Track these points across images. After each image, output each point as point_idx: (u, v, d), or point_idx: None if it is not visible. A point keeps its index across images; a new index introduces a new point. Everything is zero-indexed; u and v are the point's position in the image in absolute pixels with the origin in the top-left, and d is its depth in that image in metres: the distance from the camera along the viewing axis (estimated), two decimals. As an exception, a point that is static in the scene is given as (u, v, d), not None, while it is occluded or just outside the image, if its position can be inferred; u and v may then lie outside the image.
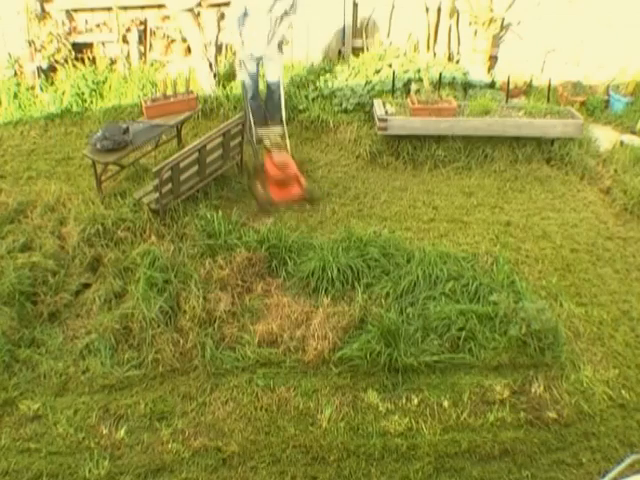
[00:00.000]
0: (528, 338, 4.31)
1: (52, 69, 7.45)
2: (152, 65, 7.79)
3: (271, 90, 6.58)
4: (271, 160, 5.60)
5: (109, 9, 7.66)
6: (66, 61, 7.44)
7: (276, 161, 5.50)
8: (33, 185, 5.95)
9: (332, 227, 5.48)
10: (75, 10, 7.72)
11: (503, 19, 7.52)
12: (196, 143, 5.34)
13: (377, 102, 6.64)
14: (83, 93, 7.32)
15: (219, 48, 7.50)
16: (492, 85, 7.42)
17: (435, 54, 7.85)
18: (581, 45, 7.51)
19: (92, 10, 7.75)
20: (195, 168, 5.44)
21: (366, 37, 8.09)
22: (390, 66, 7.36)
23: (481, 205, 5.94)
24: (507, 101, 6.84)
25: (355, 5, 7.89)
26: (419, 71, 7.05)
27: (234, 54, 7.88)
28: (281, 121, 6.33)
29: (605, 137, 6.83)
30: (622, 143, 6.74)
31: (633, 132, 6.98)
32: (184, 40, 7.56)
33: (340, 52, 8.12)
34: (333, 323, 4.41)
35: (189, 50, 7.51)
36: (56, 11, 7.57)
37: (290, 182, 5.57)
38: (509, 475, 3.68)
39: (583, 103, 7.34)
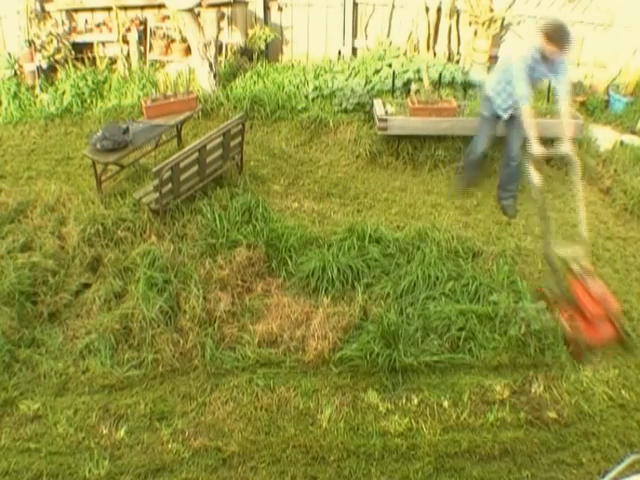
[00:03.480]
0: (528, 338, 4.31)
1: (52, 69, 7.45)
2: (152, 65, 7.79)
3: (510, 157, 5.63)
4: (586, 291, 4.37)
5: (109, 9, 7.66)
6: (66, 61, 7.44)
7: (596, 293, 4.31)
8: (33, 185, 5.95)
9: (332, 227, 5.47)
10: (75, 10, 7.72)
11: (503, 19, 7.52)
12: (196, 143, 5.34)
13: (377, 102, 6.64)
14: (83, 93, 7.32)
15: (219, 48, 7.49)
16: (492, 85, 7.41)
17: (435, 54, 7.85)
18: (581, 45, 7.51)
19: (92, 10, 7.77)
20: (195, 168, 5.44)
21: (366, 37, 8.09)
22: (390, 66, 7.36)
23: (481, 205, 5.95)
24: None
25: (355, 5, 7.89)
26: (419, 71, 7.05)
27: (234, 54, 7.89)
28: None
29: (605, 137, 6.82)
30: (622, 143, 6.73)
31: (633, 132, 6.97)
32: (184, 40, 7.56)
33: (340, 52, 8.12)
34: (333, 323, 4.41)
35: (189, 50, 7.52)
36: (56, 11, 7.58)
37: (603, 320, 4.34)
38: (509, 475, 3.68)
39: (583, 103, 7.33)
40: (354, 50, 8.16)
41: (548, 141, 6.51)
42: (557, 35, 4.75)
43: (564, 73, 5.02)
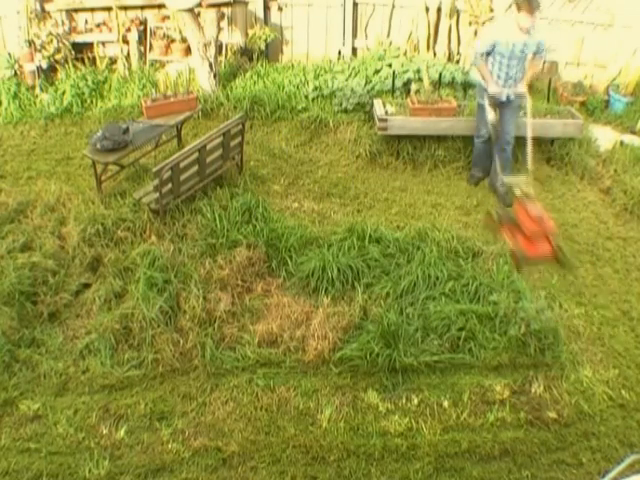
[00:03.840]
0: (528, 338, 4.31)
1: (52, 69, 7.45)
2: (152, 65, 7.79)
3: (505, 140, 5.82)
4: (526, 212, 4.66)
5: (109, 9, 7.66)
6: (66, 61, 7.44)
7: (533, 214, 4.59)
8: (33, 185, 5.95)
9: (332, 227, 5.47)
10: (75, 10, 7.72)
11: (503, 19, 7.52)
12: (196, 143, 5.34)
13: (377, 102, 6.64)
14: (83, 93, 7.32)
15: (219, 48, 7.50)
16: (492, 85, 7.41)
17: (435, 54, 7.85)
18: (581, 45, 7.51)
19: (92, 10, 7.76)
20: (195, 168, 5.44)
21: (366, 37, 8.09)
22: (390, 66, 7.36)
23: (481, 205, 5.94)
24: (507, 101, 6.83)
25: (355, 5, 7.89)
26: (419, 71, 7.05)
27: (234, 54, 7.89)
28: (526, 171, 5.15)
29: (605, 137, 6.82)
30: (622, 143, 6.73)
31: (633, 132, 6.97)
32: (184, 40, 7.56)
33: (340, 52, 8.12)
34: (333, 323, 4.41)
35: (189, 50, 7.52)
36: (56, 11, 7.58)
37: (540, 238, 4.60)
38: (509, 475, 3.68)
39: (583, 103, 7.33)
40: (354, 50, 8.16)
41: (548, 141, 6.56)
42: (525, 3, 5.14)
43: (541, 40, 5.53)
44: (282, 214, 5.58)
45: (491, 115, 5.53)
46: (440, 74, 6.87)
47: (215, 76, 7.29)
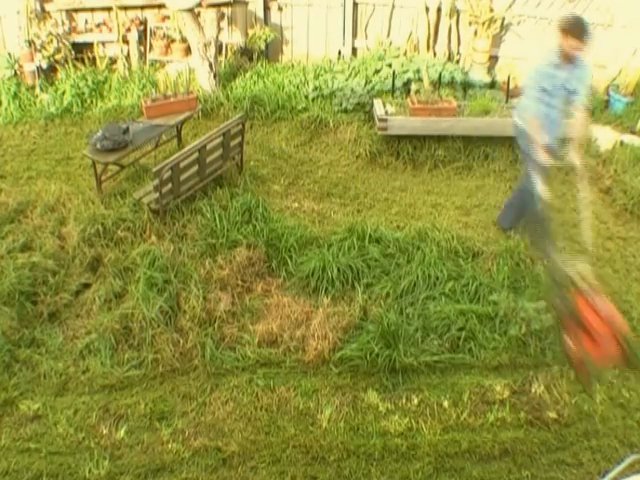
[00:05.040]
0: (528, 338, 4.31)
1: (52, 69, 7.45)
2: (152, 65, 7.79)
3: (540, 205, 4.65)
4: (591, 307, 3.92)
5: (109, 9, 7.67)
6: (66, 61, 7.44)
7: (602, 311, 3.86)
8: (33, 185, 5.95)
9: (332, 227, 5.47)
10: (75, 10, 7.73)
11: (503, 19, 7.52)
12: (196, 143, 5.34)
13: (377, 102, 6.64)
14: (83, 93, 7.32)
15: (219, 48, 7.50)
16: (492, 85, 7.42)
17: (435, 54, 7.85)
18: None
19: (92, 10, 7.77)
20: (195, 168, 5.44)
21: (366, 37, 8.10)
22: (390, 66, 7.36)
23: (481, 205, 5.94)
24: (507, 101, 6.83)
25: (355, 5, 7.89)
26: (419, 71, 7.05)
27: (234, 54, 7.89)
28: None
29: (605, 137, 6.82)
30: (622, 143, 6.73)
31: (633, 132, 6.97)
32: (184, 40, 7.56)
33: (340, 52, 8.13)
34: (333, 323, 4.41)
35: (189, 50, 7.52)
36: (56, 11, 7.58)
37: (609, 340, 3.82)
38: (509, 475, 3.68)
39: (583, 103, 7.33)
40: (354, 50, 8.16)
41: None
42: (574, 27, 4.42)
43: (585, 78, 4.67)
44: (282, 214, 5.58)
45: (544, 191, 4.37)
46: (440, 74, 6.87)
47: (215, 76, 7.30)
